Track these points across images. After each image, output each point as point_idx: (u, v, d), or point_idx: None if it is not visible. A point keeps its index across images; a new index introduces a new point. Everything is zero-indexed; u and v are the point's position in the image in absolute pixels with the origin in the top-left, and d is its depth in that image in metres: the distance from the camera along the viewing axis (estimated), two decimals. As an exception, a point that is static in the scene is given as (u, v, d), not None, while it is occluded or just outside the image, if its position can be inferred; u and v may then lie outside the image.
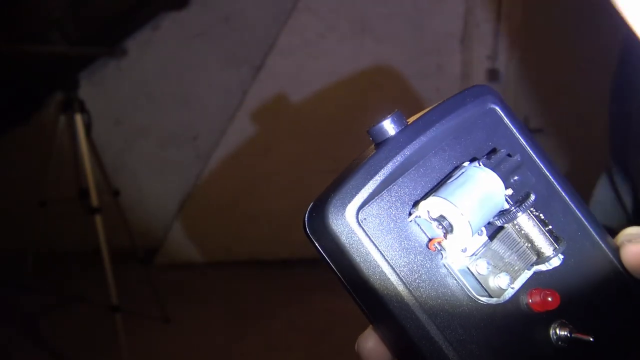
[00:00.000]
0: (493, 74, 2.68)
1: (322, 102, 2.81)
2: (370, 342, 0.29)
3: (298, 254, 2.62)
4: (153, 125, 3.01)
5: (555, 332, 0.27)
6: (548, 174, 0.29)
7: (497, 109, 0.30)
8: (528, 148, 0.29)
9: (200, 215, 2.93)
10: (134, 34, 2.87)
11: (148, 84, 2.95)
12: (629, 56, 0.54)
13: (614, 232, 0.30)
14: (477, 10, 2.70)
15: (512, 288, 0.26)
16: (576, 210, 0.29)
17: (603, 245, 0.29)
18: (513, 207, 0.26)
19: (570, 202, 0.29)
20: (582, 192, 0.63)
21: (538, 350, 0.26)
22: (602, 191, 0.60)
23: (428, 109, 0.29)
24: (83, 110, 2.12)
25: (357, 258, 0.25)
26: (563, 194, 0.29)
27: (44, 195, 2.27)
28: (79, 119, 2.10)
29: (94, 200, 2.07)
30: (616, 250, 0.29)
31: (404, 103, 2.76)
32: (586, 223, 0.29)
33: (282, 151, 2.87)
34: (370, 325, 0.29)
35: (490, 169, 0.26)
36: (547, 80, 2.63)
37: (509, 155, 0.27)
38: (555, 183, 0.29)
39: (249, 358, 2.18)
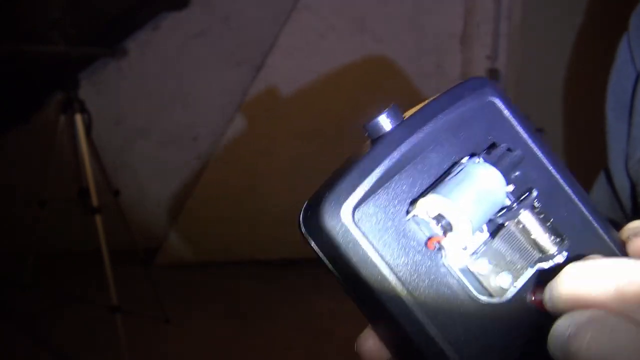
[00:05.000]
0: (493, 74, 2.69)
1: (322, 102, 2.81)
2: (370, 341, 0.29)
3: (298, 254, 2.62)
4: (153, 125, 3.01)
5: None
6: (551, 168, 0.28)
7: (497, 101, 0.29)
8: (529, 141, 0.28)
9: (200, 215, 2.93)
10: (134, 34, 2.87)
11: (148, 84, 2.95)
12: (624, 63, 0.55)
13: (617, 226, 0.30)
14: (477, 10, 2.70)
15: (515, 287, 0.26)
16: (580, 205, 0.28)
17: (608, 240, 0.28)
18: (515, 204, 0.25)
19: (574, 197, 0.28)
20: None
21: (542, 349, 0.25)
22: (599, 190, 0.60)
23: (424, 103, 0.28)
24: (83, 110, 2.12)
25: (354, 258, 0.25)
26: (567, 188, 0.28)
27: (44, 195, 2.27)
28: (79, 119, 2.10)
29: (94, 200, 2.07)
30: (622, 245, 0.28)
31: (404, 103, 2.76)
32: (590, 218, 0.28)
33: (282, 151, 2.87)
34: (370, 325, 0.29)
35: (491, 164, 0.25)
36: (547, 80, 2.63)
37: (509, 149, 0.26)
38: (559, 177, 0.28)
39: (249, 358, 2.18)
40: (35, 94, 2.87)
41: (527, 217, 0.26)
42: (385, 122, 0.27)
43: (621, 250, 0.28)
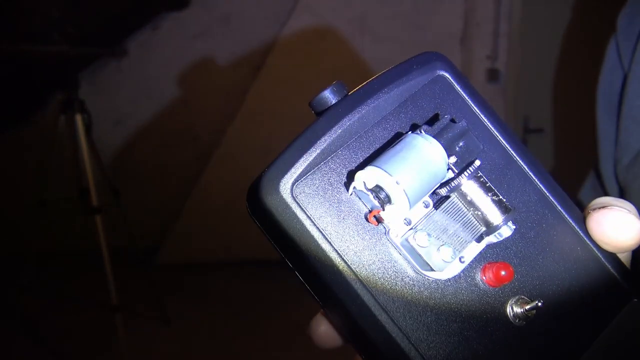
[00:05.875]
0: (493, 74, 2.68)
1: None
2: (322, 327, 0.28)
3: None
4: (153, 125, 3.00)
5: (512, 309, 0.25)
6: (504, 142, 0.27)
7: (447, 75, 0.28)
8: (481, 115, 0.27)
9: (200, 215, 2.93)
10: (134, 34, 2.87)
11: (148, 84, 2.94)
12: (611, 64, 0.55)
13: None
14: (477, 10, 2.70)
15: (462, 262, 0.24)
16: (536, 180, 0.27)
17: (566, 215, 0.27)
18: (457, 175, 0.24)
19: (529, 172, 0.27)
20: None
21: (494, 328, 0.24)
22: (588, 190, 0.60)
23: (371, 78, 0.28)
24: (83, 110, 2.12)
25: (294, 235, 0.24)
26: (521, 162, 0.27)
27: (44, 195, 2.27)
28: (79, 119, 2.10)
29: (94, 200, 2.07)
30: (582, 221, 0.27)
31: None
32: (547, 193, 0.27)
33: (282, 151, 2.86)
34: (321, 310, 0.27)
35: (431, 136, 0.24)
36: (547, 80, 2.63)
37: (452, 121, 0.25)
38: (512, 151, 0.27)
39: (249, 358, 2.18)
40: (35, 94, 2.87)
41: (471, 189, 0.25)
42: (329, 97, 0.27)
43: (580, 225, 0.27)
